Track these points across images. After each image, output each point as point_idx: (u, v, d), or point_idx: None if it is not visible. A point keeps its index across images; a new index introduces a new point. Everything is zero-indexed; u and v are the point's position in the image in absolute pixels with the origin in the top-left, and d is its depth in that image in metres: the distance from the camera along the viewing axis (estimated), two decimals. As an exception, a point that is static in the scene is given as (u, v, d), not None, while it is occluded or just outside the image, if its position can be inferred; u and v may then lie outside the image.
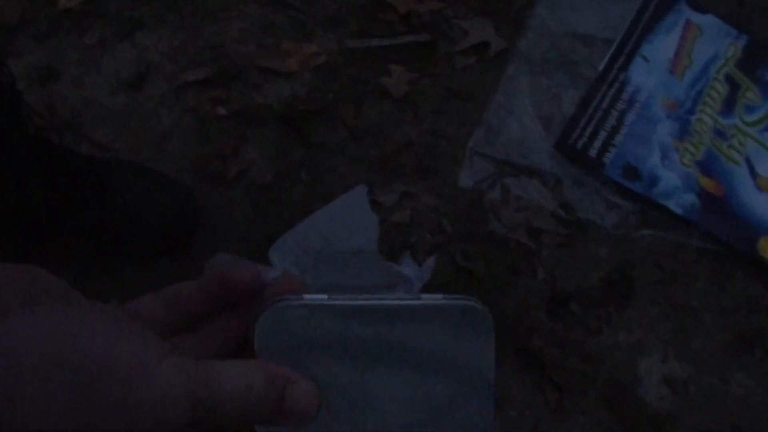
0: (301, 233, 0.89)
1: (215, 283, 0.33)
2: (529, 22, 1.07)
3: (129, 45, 1.07)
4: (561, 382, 0.91)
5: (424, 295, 0.31)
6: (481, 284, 0.95)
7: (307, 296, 0.31)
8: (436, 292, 0.32)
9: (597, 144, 1.00)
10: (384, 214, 0.97)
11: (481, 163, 1.00)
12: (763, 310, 0.95)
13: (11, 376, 0.26)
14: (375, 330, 0.30)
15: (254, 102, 1.04)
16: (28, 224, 0.88)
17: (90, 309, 0.29)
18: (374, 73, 1.06)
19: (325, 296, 0.31)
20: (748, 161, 1.01)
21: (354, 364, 0.31)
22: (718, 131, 1.02)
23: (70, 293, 0.30)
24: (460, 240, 0.97)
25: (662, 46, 1.06)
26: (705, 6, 1.09)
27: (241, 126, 1.03)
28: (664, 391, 0.92)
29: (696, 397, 0.92)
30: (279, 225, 0.94)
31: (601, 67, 1.04)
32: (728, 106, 1.04)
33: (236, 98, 1.04)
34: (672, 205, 0.98)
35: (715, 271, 0.97)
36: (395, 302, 0.31)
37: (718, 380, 0.92)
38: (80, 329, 0.28)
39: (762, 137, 1.03)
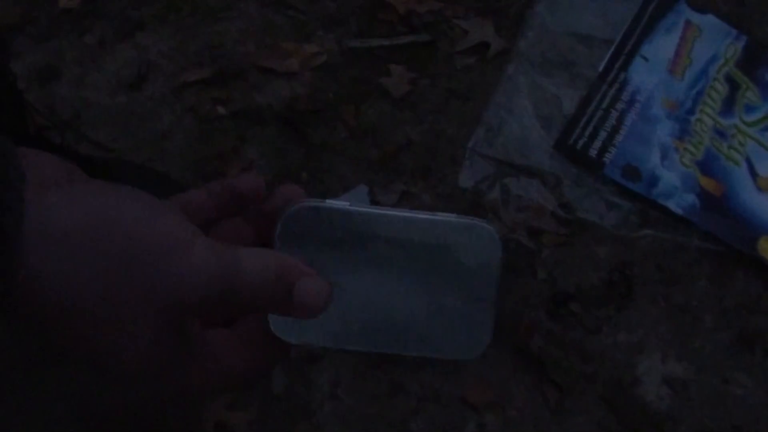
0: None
1: (223, 191, 0.34)
2: (529, 22, 1.07)
3: (129, 45, 1.08)
4: (561, 382, 0.91)
5: (439, 213, 0.33)
6: (481, 284, 0.95)
7: (329, 200, 0.32)
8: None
9: (597, 144, 1.00)
10: (384, 214, 0.97)
11: (481, 163, 1.00)
12: (763, 310, 0.95)
13: (52, 252, 0.26)
14: (390, 238, 0.32)
15: (254, 102, 1.04)
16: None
17: (126, 190, 0.30)
18: (374, 73, 1.06)
19: (347, 203, 0.32)
20: (748, 161, 1.01)
21: (367, 268, 0.32)
22: (718, 131, 1.02)
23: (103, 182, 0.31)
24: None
25: (662, 46, 1.06)
26: (705, 6, 1.09)
27: (241, 126, 1.03)
28: (664, 391, 0.92)
29: (696, 397, 0.92)
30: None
31: (601, 67, 1.04)
32: (728, 106, 1.04)
33: (236, 98, 1.04)
34: (672, 205, 0.98)
35: (715, 271, 0.97)
36: (411, 215, 0.32)
37: (718, 380, 0.92)
38: (118, 206, 0.28)
39: (762, 137, 1.03)
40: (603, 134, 1.00)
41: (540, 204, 0.98)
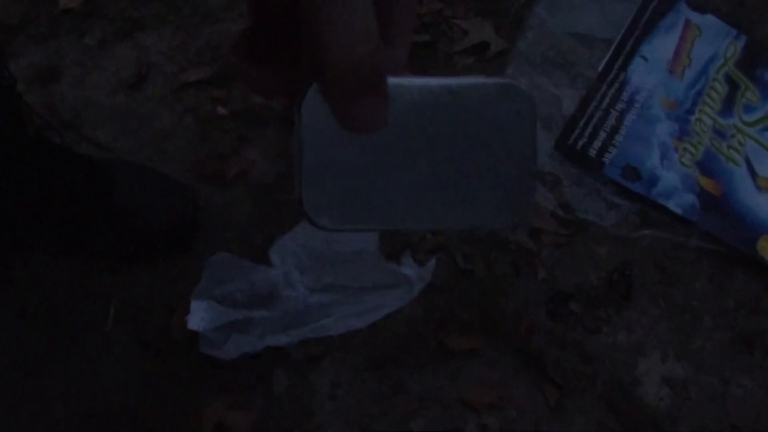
0: (301, 233, 0.89)
1: None
2: (529, 22, 1.07)
3: (129, 45, 1.07)
4: (561, 382, 0.91)
5: (468, 76, 0.31)
6: (481, 284, 0.95)
7: None
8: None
9: (597, 144, 1.00)
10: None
11: (481, 163, 1.00)
12: (763, 310, 0.96)
13: None
14: (422, 105, 0.30)
15: (254, 102, 1.04)
16: (28, 224, 0.88)
17: None
18: (374, 73, 1.06)
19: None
20: (748, 161, 1.01)
21: (401, 141, 0.31)
22: (717, 131, 1.02)
23: None
24: (461, 240, 0.97)
25: (662, 46, 1.06)
26: (705, 6, 1.09)
27: (241, 126, 1.03)
28: (664, 391, 0.92)
29: (696, 397, 0.92)
30: (279, 225, 0.94)
31: (600, 67, 1.04)
32: (728, 106, 1.04)
33: (236, 98, 1.04)
34: (672, 205, 0.98)
35: (715, 271, 0.97)
36: (441, 82, 0.31)
37: (718, 380, 0.93)
38: None
39: (761, 137, 1.03)
40: (603, 134, 1.00)
41: (540, 204, 0.98)
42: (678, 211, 0.98)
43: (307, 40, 0.27)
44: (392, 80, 0.30)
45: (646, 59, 1.05)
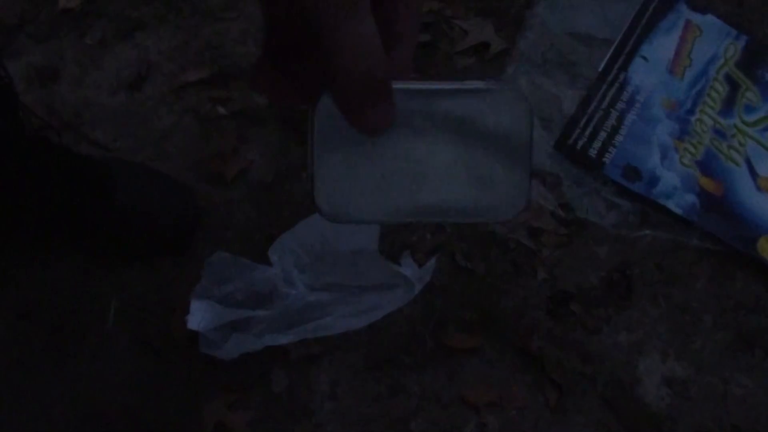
0: (301, 233, 0.89)
1: None
2: (529, 22, 1.07)
3: (129, 45, 1.08)
4: (561, 382, 0.91)
5: (466, 81, 0.34)
6: (481, 284, 0.95)
7: None
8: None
9: (597, 144, 1.00)
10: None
11: (481, 163, 1.00)
12: (763, 310, 0.95)
13: None
14: (421, 110, 0.33)
15: (254, 102, 1.04)
16: (28, 224, 0.88)
17: None
18: (374, 73, 1.06)
19: None
20: (748, 161, 1.01)
21: (401, 141, 0.33)
22: (717, 131, 1.02)
23: None
24: (461, 240, 0.97)
25: (662, 46, 1.06)
26: (705, 6, 1.09)
27: (241, 126, 1.03)
28: (664, 391, 0.92)
29: (696, 397, 0.92)
30: (279, 225, 0.94)
31: (601, 67, 1.04)
32: (728, 106, 1.04)
33: (236, 98, 1.04)
34: (672, 205, 0.98)
35: (715, 271, 0.97)
36: (440, 86, 0.33)
37: (718, 380, 0.93)
38: None
39: (762, 137, 1.03)
40: (603, 134, 1.00)
41: (540, 204, 0.98)
42: (678, 211, 0.98)
43: (317, 56, 0.30)
44: (397, 85, 0.32)
45: (646, 59, 1.05)
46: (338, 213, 0.33)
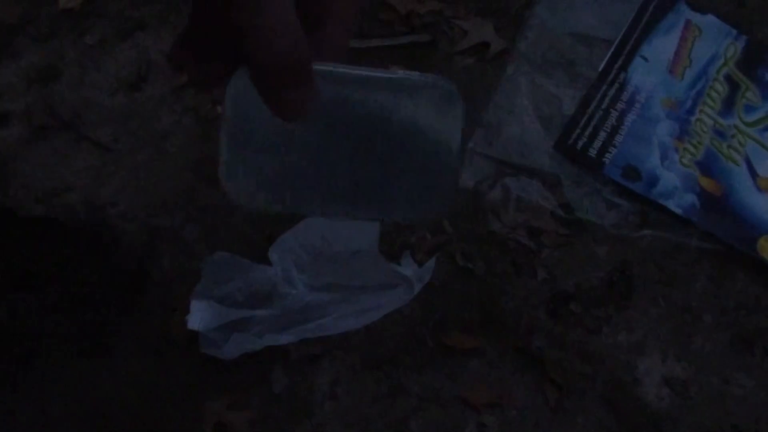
0: (301, 233, 0.89)
1: None
2: (529, 22, 1.07)
3: (129, 45, 1.08)
4: (561, 382, 0.91)
5: (399, 71, 0.32)
6: (481, 284, 0.95)
7: None
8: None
9: (597, 144, 1.00)
10: (384, 214, 0.97)
11: (481, 163, 1.00)
12: (763, 310, 0.95)
13: None
14: (350, 95, 0.31)
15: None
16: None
17: None
18: (374, 73, 1.06)
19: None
20: (748, 161, 1.01)
21: (325, 129, 0.31)
22: (717, 131, 1.02)
23: None
24: (461, 240, 0.97)
25: (662, 46, 1.06)
26: (705, 6, 1.09)
27: (241, 126, 1.03)
28: (664, 391, 0.92)
29: (696, 397, 0.92)
30: (279, 225, 0.94)
31: (601, 67, 1.04)
32: (728, 106, 1.04)
33: (236, 98, 1.04)
34: (672, 205, 0.98)
35: (715, 271, 0.97)
36: (373, 73, 0.31)
37: (718, 380, 0.92)
38: None
39: (762, 137, 1.03)
40: (603, 134, 1.00)
41: (540, 204, 0.98)
42: (678, 211, 0.98)
43: (235, 37, 0.28)
44: (319, 67, 0.30)
45: (646, 59, 1.05)
46: (245, 198, 0.31)
